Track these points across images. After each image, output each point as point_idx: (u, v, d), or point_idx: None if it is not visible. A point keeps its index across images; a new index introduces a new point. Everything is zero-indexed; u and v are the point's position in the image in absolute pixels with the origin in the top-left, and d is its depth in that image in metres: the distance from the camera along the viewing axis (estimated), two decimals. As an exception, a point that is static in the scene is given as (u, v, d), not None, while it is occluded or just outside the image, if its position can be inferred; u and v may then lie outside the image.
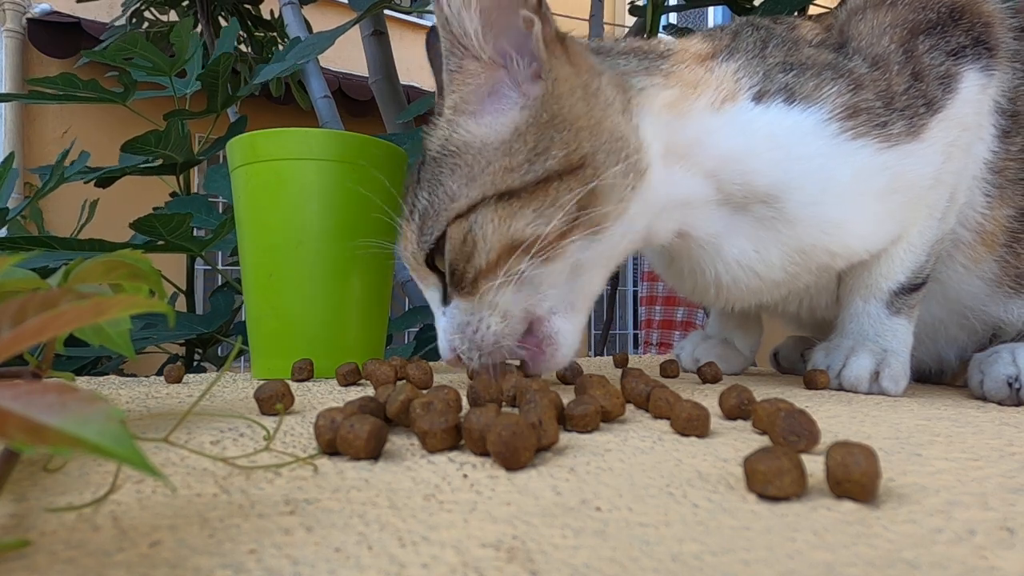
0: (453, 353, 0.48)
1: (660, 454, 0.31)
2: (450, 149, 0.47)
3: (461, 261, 0.46)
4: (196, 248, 1.01)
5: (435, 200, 0.47)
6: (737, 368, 0.74)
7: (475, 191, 0.45)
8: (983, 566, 0.19)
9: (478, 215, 0.45)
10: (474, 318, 0.47)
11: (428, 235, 0.47)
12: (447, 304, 0.48)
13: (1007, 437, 0.37)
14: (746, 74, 0.52)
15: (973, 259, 0.60)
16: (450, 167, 0.47)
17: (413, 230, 0.48)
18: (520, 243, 0.45)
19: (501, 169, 0.45)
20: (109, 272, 0.32)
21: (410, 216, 0.49)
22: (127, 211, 1.03)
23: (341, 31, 1.01)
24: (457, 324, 0.47)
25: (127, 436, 0.17)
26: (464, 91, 0.47)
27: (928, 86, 0.53)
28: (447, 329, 0.48)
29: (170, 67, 1.15)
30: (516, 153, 0.45)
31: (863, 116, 0.51)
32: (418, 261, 0.49)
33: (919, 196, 0.54)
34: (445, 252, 0.46)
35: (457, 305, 0.47)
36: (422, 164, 0.50)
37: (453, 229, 0.46)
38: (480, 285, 0.46)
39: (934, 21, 0.54)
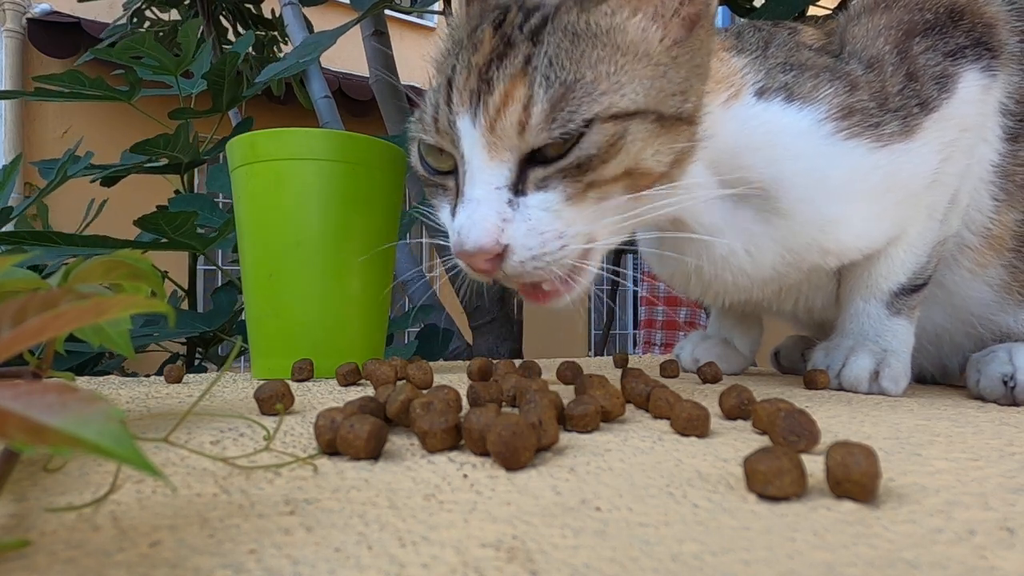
0: (498, 247, 0.41)
1: (660, 454, 0.31)
2: (614, 41, 0.43)
3: (597, 161, 0.42)
4: (200, 246, 1.01)
5: (586, 80, 0.42)
6: (737, 368, 0.74)
7: (640, 97, 0.42)
8: (983, 566, 0.19)
9: (634, 124, 0.42)
10: (569, 226, 0.43)
11: (574, 114, 0.41)
12: (520, 193, 0.43)
13: (1007, 437, 0.37)
14: (751, 70, 0.52)
15: (980, 264, 0.60)
16: (608, 56, 0.43)
17: (538, 96, 0.41)
18: (637, 171, 0.43)
19: (662, 90, 0.43)
20: (109, 272, 0.32)
21: (526, 74, 0.42)
22: (129, 209, 1.03)
23: (342, 31, 1.01)
24: (538, 227, 0.42)
25: (127, 436, 0.17)
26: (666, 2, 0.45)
27: (923, 86, 0.53)
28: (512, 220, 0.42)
29: (176, 66, 1.15)
30: (671, 80, 0.44)
31: (857, 116, 0.51)
32: (525, 132, 0.41)
33: (914, 196, 0.54)
34: (583, 142, 0.41)
35: (546, 205, 0.42)
36: (541, 27, 0.44)
37: (610, 127, 0.42)
38: (587, 194, 0.43)
39: (932, 22, 0.54)
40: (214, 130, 1.23)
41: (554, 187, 0.42)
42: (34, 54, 2.94)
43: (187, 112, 1.11)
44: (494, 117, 0.42)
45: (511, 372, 0.52)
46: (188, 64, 1.16)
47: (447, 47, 0.49)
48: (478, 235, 0.41)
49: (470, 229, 0.41)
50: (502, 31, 0.44)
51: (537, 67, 0.42)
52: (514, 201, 0.42)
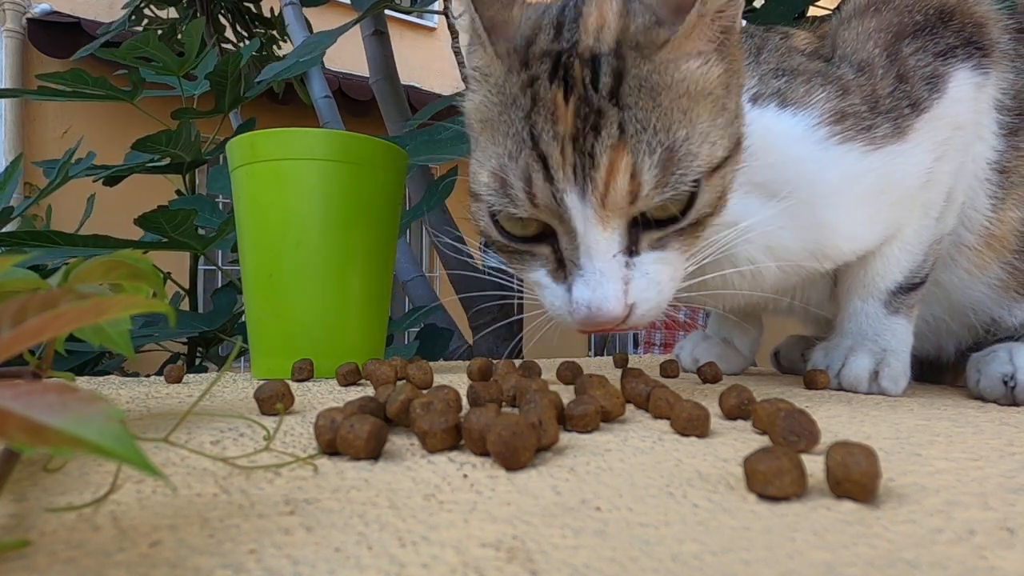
0: (627, 309, 0.42)
1: (660, 454, 0.31)
2: (684, 88, 0.42)
3: (712, 215, 0.44)
4: (199, 246, 1.01)
5: (683, 139, 0.41)
6: (737, 368, 0.74)
7: (726, 141, 0.43)
8: (983, 566, 0.19)
9: (726, 170, 0.43)
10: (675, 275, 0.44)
11: (684, 177, 0.41)
12: (633, 253, 0.43)
13: (1007, 437, 0.37)
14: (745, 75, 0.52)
15: (978, 264, 0.60)
16: (688, 107, 0.42)
17: (644, 165, 0.40)
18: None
19: (728, 124, 0.43)
20: (109, 272, 0.32)
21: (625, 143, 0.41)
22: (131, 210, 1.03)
23: (342, 30, 1.01)
24: (655, 278, 0.43)
25: (127, 436, 0.17)
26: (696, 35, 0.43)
27: (913, 87, 0.53)
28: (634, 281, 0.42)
29: (179, 67, 1.15)
30: (729, 111, 0.44)
31: (849, 120, 0.51)
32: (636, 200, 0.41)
33: (909, 196, 0.54)
34: (698, 203, 0.42)
35: (658, 259, 0.43)
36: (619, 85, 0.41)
37: (716, 180, 0.43)
38: (698, 242, 0.45)
39: (921, 24, 0.55)
40: (216, 131, 1.23)
41: (670, 246, 0.43)
42: (34, 54, 2.94)
43: (189, 112, 1.11)
44: (603, 191, 0.41)
45: (511, 372, 0.52)
46: (192, 65, 1.16)
47: (492, 100, 0.46)
48: (611, 306, 0.41)
49: (601, 302, 0.41)
50: (577, 93, 0.42)
51: (634, 133, 0.41)
52: (630, 262, 0.43)
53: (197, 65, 1.17)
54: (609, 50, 0.42)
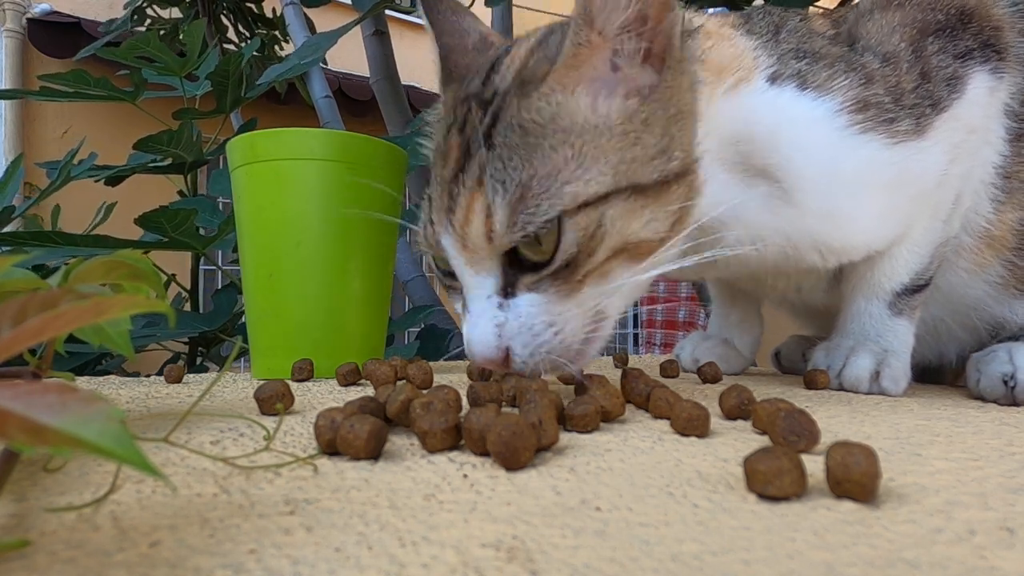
0: (500, 352, 0.42)
1: (660, 454, 0.31)
2: (561, 125, 0.42)
3: (584, 255, 0.41)
4: (199, 246, 1.01)
5: (541, 176, 0.41)
6: (737, 368, 0.74)
7: (607, 178, 0.41)
8: (983, 566, 0.19)
9: (609, 207, 0.41)
10: (557, 319, 0.42)
11: (533, 216, 0.40)
12: (509, 295, 0.43)
13: (1007, 437, 0.37)
14: (763, 53, 0.51)
15: (978, 264, 0.60)
16: (560, 143, 0.41)
17: (495, 204, 0.41)
18: (629, 246, 0.42)
19: (634, 160, 0.42)
20: (109, 272, 0.32)
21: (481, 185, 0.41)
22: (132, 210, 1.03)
23: (343, 31, 1.01)
24: (528, 322, 0.42)
25: (127, 436, 0.17)
26: (585, 66, 0.43)
27: (935, 86, 0.53)
28: (505, 324, 0.42)
29: (181, 68, 1.15)
30: (645, 145, 0.42)
31: (872, 111, 0.50)
32: (493, 241, 0.41)
33: (923, 195, 0.54)
34: (563, 242, 0.41)
35: (535, 302, 0.42)
36: (492, 128, 0.43)
37: (582, 218, 0.41)
38: (584, 285, 0.42)
39: (943, 23, 0.54)
40: (217, 131, 1.23)
41: (545, 289, 0.42)
42: (34, 54, 2.94)
43: (191, 113, 1.11)
44: (462, 233, 0.42)
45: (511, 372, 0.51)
46: (193, 66, 1.16)
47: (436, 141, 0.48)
48: (481, 349, 0.42)
49: (474, 343, 0.42)
50: (464, 135, 0.44)
51: (492, 173, 0.41)
52: (505, 303, 0.43)
53: (199, 66, 1.17)
54: (503, 90, 0.44)
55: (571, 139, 0.42)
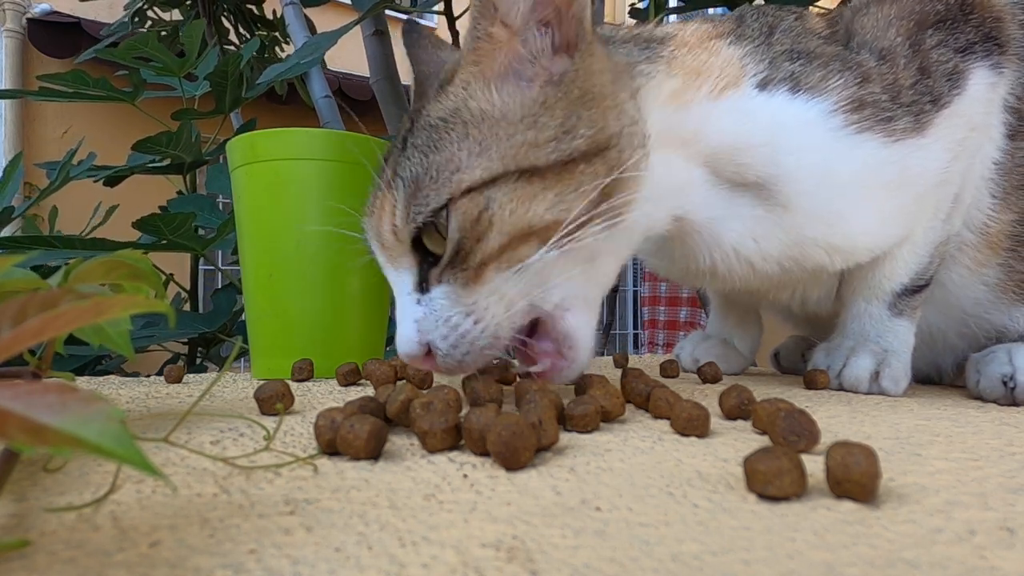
0: (422, 347, 0.42)
1: (660, 454, 0.31)
2: (462, 117, 0.43)
3: (470, 241, 0.41)
4: (199, 247, 1.01)
5: (434, 167, 0.42)
6: (737, 368, 0.74)
7: (495, 163, 0.41)
8: (983, 566, 0.19)
9: (497, 191, 0.41)
10: (474, 308, 0.42)
11: (422, 206, 0.41)
12: (425, 291, 0.43)
13: (1007, 437, 0.37)
14: (752, 60, 0.50)
15: (978, 262, 0.59)
16: (459, 135, 0.42)
17: (397, 199, 0.42)
18: (536, 229, 0.42)
19: (525, 144, 0.42)
20: (109, 272, 0.32)
21: (390, 184, 0.43)
22: (132, 210, 1.03)
23: (343, 31, 1.01)
24: (442, 314, 0.42)
25: (127, 436, 0.17)
26: (487, 60, 0.44)
27: (935, 82, 0.52)
28: (423, 319, 0.42)
29: (179, 68, 1.15)
30: (543, 128, 0.42)
31: (869, 110, 0.50)
32: (398, 236, 0.43)
33: (924, 194, 0.53)
34: (449, 229, 0.41)
35: (446, 293, 0.42)
36: (410, 131, 0.45)
37: (465, 203, 0.41)
38: (485, 272, 0.42)
39: (943, 14, 0.53)
40: (216, 131, 1.23)
41: (448, 279, 0.42)
42: (34, 54, 2.94)
43: (190, 113, 1.11)
44: (377, 232, 0.44)
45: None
46: (192, 66, 1.16)
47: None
48: (404, 345, 0.43)
49: (399, 340, 0.43)
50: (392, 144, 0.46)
51: (399, 172, 0.43)
52: (422, 299, 0.43)
53: (197, 66, 1.17)
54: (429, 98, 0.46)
55: (469, 130, 0.42)
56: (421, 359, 0.43)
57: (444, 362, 0.43)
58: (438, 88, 0.46)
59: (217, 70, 1.08)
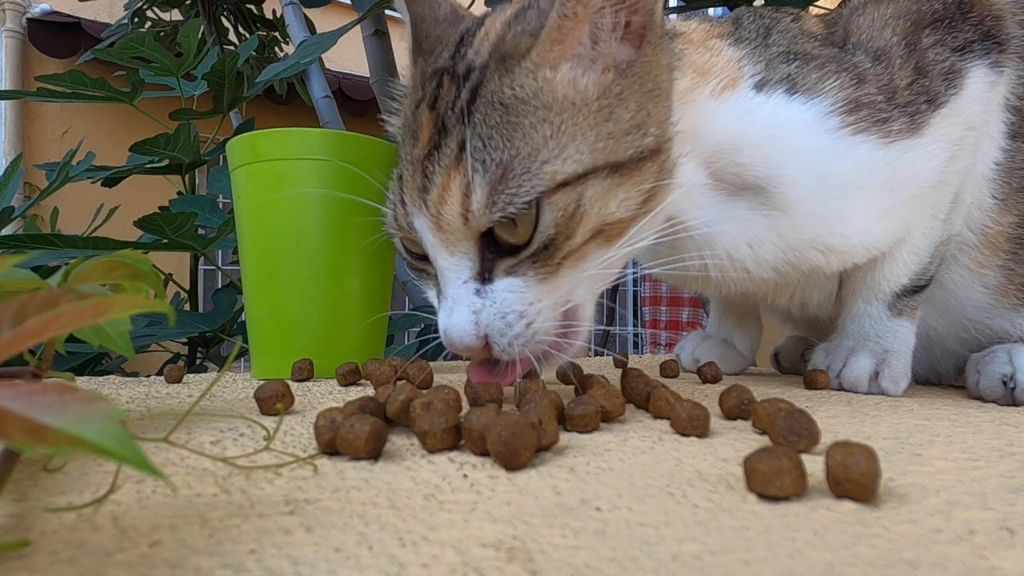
0: (480, 340, 0.41)
1: (660, 454, 0.31)
2: (543, 101, 0.41)
3: (563, 237, 0.40)
4: (199, 247, 1.01)
5: (523, 154, 0.39)
6: (737, 368, 0.74)
7: (586, 156, 0.40)
8: (983, 566, 0.19)
9: (588, 187, 0.40)
10: (533, 307, 0.41)
11: (515, 196, 0.39)
12: (486, 280, 0.42)
13: (1007, 437, 0.37)
14: (749, 61, 0.50)
15: (979, 263, 0.59)
16: (542, 119, 0.40)
17: (476, 183, 0.39)
18: (606, 225, 0.41)
19: (609, 136, 0.40)
20: (109, 272, 0.32)
21: (460, 162, 0.40)
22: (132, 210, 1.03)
23: (343, 31, 1.01)
24: (503, 309, 0.41)
25: (127, 436, 0.17)
26: (570, 40, 0.41)
27: (931, 81, 0.52)
28: (482, 310, 0.41)
29: (177, 68, 1.15)
30: (618, 120, 0.41)
31: (864, 111, 0.50)
32: (469, 222, 0.40)
33: (921, 194, 0.53)
34: (542, 223, 0.40)
35: (514, 287, 0.41)
36: (473, 102, 0.41)
37: (561, 198, 0.39)
38: (562, 268, 0.41)
39: (940, 13, 0.53)
40: (216, 131, 1.23)
41: (523, 272, 0.41)
42: (34, 54, 2.94)
43: (188, 113, 1.11)
44: (436, 214, 0.41)
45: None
46: (190, 66, 1.16)
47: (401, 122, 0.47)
48: (460, 335, 0.41)
49: (452, 330, 0.41)
50: (436, 112, 0.42)
51: (472, 151, 0.40)
52: (482, 290, 0.41)
53: (196, 66, 1.17)
54: (480, 64, 0.42)
55: (551, 116, 0.40)
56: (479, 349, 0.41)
57: (499, 353, 0.42)
58: (501, 59, 0.42)
59: (215, 69, 1.08)
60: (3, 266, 0.26)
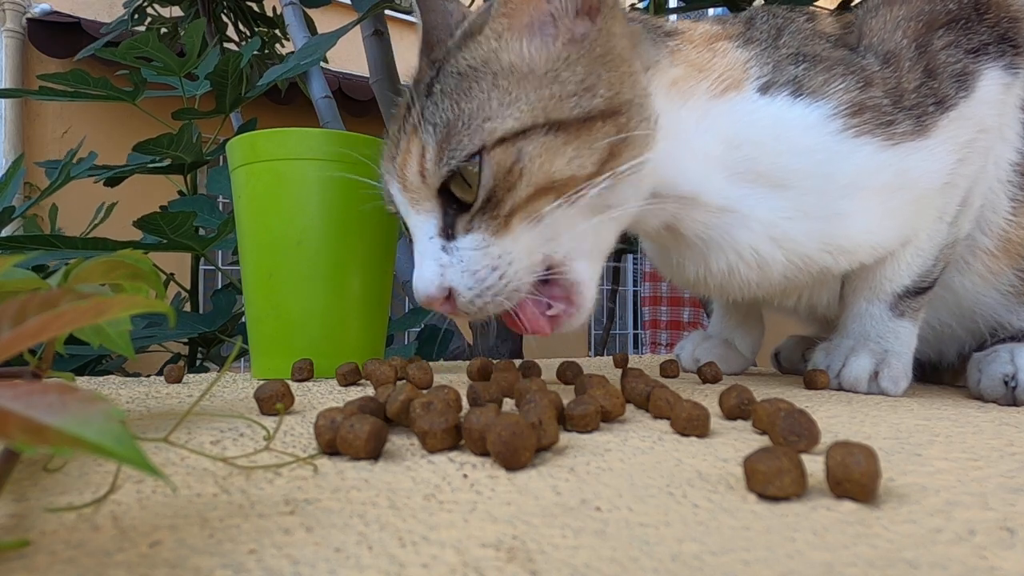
0: (442, 291, 0.44)
1: (660, 454, 0.31)
2: (492, 68, 0.44)
3: (502, 190, 0.43)
4: (199, 247, 1.01)
5: (466, 114, 0.43)
6: (737, 368, 0.74)
7: (525, 115, 0.43)
8: (983, 566, 0.19)
9: (528, 143, 0.42)
10: (500, 258, 0.44)
11: (456, 150, 0.42)
12: (451, 237, 0.44)
13: (1007, 437, 0.37)
14: (757, 63, 0.51)
15: (992, 270, 0.59)
16: (488, 84, 0.43)
17: (427, 143, 0.43)
18: (556, 183, 0.43)
19: (551, 96, 0.43)
20: (109, 272, 0.32)
21: (417, 127, 0.44)
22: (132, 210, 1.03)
23: (343, 31, 1.01)
24: (470, 266, 0.44)
25: (127, 436, 0.17)
26: (517, 14, 0.45)
27: (941, 84, 0.51)
28: (448, 265, 0.44)
29: (180, 67, 1.15)
30: (566, 82, 0.44)
31: (868, 114, 0.50)
32: (426, 180, 0.44)
33: (926, 195, 0.53)
34: (483, 177, 0.43)
35: (475, 242, 0.44)
36: (436, 78, 0.45)
37: (499, 153, 0.42)
38: (512, 221, 0.43)
39: (955, 14, 0.53)
40: (217, 131, 1.23)
41: (478, 227, 0.44)
42: (34, 54, 2.94)
43: (190, 113, 1.11)
44: (402, 174, 0.45)
45: (510, 372, 0.51)
46: (193, 65, 1.16)
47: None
48: (424, 286, 0.44)
49: (417, 281, 0.45)
50: (410, 92, 0.46)
51: (428, 117, 0.44)
52: (448, 246, 0.45)
53: (198, 65, 1.17)
54: (451, 46, 0.47)
55: (499, 80, 0.44)
56: (440, 302, 0.44)
57: (464, 307, 0.44)
58: (463, 37, 0.47)
59: (217, 69, 1.08)
60: (3, 266, 0.26)
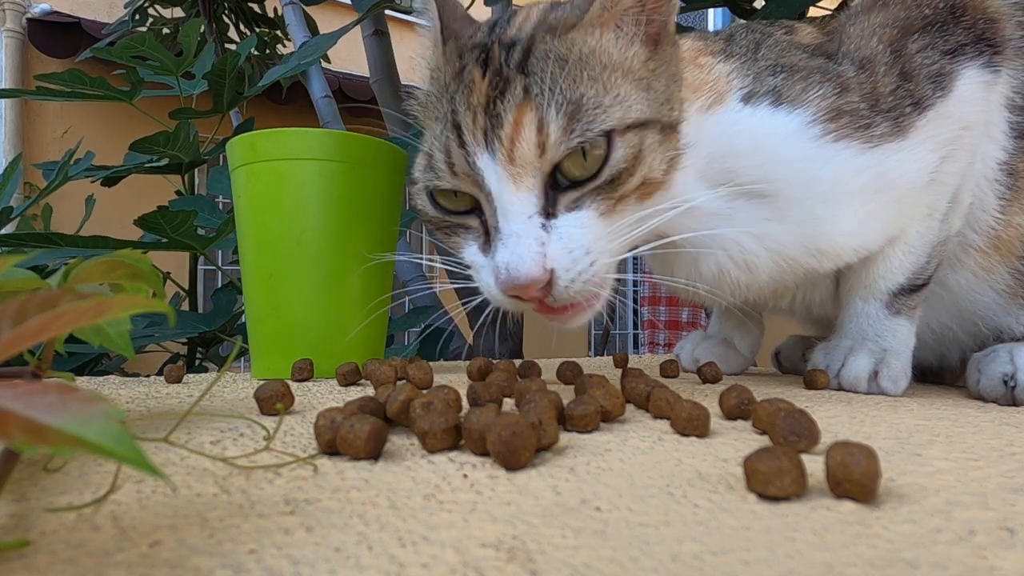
0: (546, 272, 0.42)
1: (660, 454, 0.31)
2: (601, 60, 0.45)
3: (627, 174, 0.44)
4: (199, 246, 1.01)
5: (591, 97, 0.43)
6: (737, 368, 0.74)
7: (646, 108, 0.44)
8: (983, 566, 0.19)
9: (647, 135, 0.44)
10: (598, 240, 0.44)
11: (588, 124, 0.42)
12: (551, 216, 0.43)
13: (1007, 437, 0.37)
14: (738, 75, 0.52)
15: (985, 268, 0.59)
16: (596, 75, 0.44)
17: (550, 117, 0.42)
18: (648, 180, 0.45)
19: (652, 99, 0.45)
20: (109, 272, 0.32)
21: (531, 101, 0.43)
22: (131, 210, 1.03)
23: (343, 31, 1.01)
24: (576, 242, 0.43)
25: (127, 436, 0.17)
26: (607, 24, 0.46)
27: (918, 85, 0.52)
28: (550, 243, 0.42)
29: (177, 67, 1.15)
30: (658, 91, 0.46)
31: (846, 118, 0.51)
32: (545, 153, 0.42)
33: (910, 195, 0.54)
34: (612, 157, 0.43)
35: (580, 221, 0.43)
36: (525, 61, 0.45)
37: (632, 136, 0.44)
38: (619, 205, 0.44)
39: (930, 18, 0.54)
40: (215, 130, 1.23)
41: (587, 205, 0.44)
42: (34, 54, 2.94)
43: (188, 112, 1.11)
44: (510, 147, 0.42)
45: (510, 372, 0.52)
46: (189, 65, 1.16)
47: (432, 91, 0.49)
48: (528, 267, 0.41)
49: (518, 263, 0.42)
50: (492, 68, 0.45)
51: (539, 92, 0.43)
52: (547, 225, 0.43)
53: (195, 64, 1.17)
54: (526, 35, 0.46)
55: (608, 73, 0.45)
56: (537, 287, 0.42)
57: (559, 294, 0.43)
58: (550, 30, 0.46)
59: (215, 68, 1.08)
60: (3, 266, 0.26)
